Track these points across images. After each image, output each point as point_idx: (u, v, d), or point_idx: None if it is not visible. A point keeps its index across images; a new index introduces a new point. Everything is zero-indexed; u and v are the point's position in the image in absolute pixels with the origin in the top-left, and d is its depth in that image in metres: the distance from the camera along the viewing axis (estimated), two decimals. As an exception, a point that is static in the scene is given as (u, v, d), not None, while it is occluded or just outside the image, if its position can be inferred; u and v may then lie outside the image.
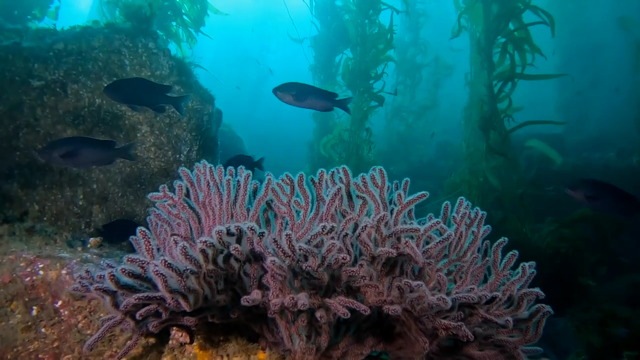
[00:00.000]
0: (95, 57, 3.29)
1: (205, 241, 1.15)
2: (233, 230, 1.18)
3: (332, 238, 1.24)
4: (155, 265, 1.13)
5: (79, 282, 1.40)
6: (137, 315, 1.32)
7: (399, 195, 1.34)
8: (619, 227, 5.24)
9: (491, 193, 5.62)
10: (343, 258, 1.23)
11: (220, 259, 1.25)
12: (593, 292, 5.36)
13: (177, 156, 3.74)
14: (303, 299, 1.24)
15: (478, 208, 1.57)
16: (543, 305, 1.47)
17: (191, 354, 1.52)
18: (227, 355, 1.52)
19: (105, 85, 3.37)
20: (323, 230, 1.19)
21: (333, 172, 1.42)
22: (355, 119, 7.25)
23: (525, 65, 5.07)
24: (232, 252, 1.20)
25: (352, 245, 1.35)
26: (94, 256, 1.90)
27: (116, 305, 1.35)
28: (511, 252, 1.52)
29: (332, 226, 1.20)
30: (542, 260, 5.05)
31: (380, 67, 7.10)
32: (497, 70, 5.30)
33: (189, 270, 1.19)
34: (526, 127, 5.03)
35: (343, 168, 1.36)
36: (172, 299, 1.25)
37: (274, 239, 1.20)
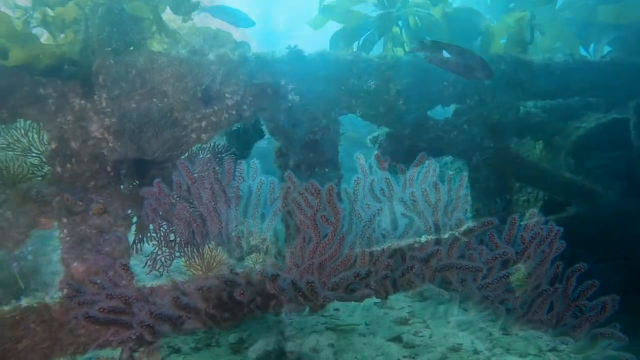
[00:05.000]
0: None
1: (202, 288, 0.88)
2: (238, 272, 0.90)
3: (368, 285, 0.96)
4: (140, 317, 0.88)
5: (66, 295, 1.19)
6: (128, 348, 1.12)
7: (459, 220, 1.03)
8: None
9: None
10: (380, 309, 0.96)
11: (224, 295, 0.99)
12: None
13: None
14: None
15: (553, 224, 1.24)
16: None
17: None
18: None
19: None
20: (356, 278, 0.91)
21: (373, 180, 1.10)
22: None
23: None
24: (237, 297, 0.94)
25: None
26: (94, 230, 1.68)
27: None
28: (591, 282, 1.22)
29: (368, 271, 0.91)
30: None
31: None
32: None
33: (184, 317, 0.94)
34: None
35: (386, 179, 1.04)
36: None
37: (293, 282, 0.92)
